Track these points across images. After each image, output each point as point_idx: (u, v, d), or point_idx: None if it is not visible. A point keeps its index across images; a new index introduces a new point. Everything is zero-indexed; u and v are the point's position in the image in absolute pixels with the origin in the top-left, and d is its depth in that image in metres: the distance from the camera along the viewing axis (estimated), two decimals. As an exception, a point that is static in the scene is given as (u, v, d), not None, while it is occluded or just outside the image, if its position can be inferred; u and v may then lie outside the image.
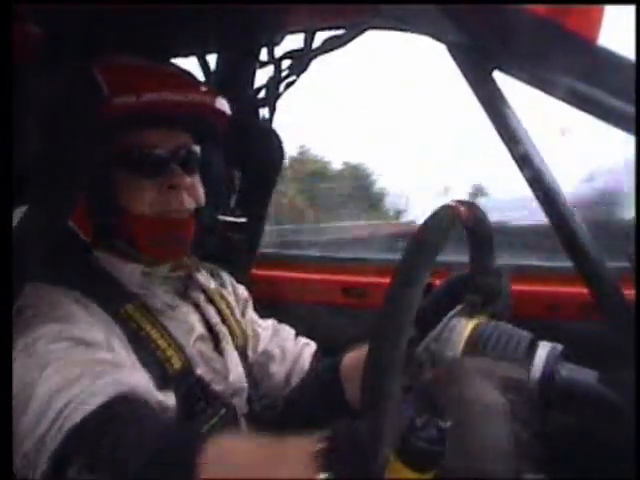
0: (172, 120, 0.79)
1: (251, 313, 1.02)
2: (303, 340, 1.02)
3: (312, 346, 1.02)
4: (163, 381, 0.74)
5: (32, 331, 0.64)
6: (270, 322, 1.03)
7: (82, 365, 0.62)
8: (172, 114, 0.78)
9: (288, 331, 1.03)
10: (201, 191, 0.83)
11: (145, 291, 0.79)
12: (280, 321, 1.06)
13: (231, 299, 0.97)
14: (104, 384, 0.60)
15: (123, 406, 0.59)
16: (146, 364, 0.73)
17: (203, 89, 0.84)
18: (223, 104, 0.84)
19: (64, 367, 0.61)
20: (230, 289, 0.99)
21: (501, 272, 0.85)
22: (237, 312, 0.97)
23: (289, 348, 1.00)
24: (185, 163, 0.80)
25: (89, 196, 0.76)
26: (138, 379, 0.65)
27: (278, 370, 0.97)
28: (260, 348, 0.98)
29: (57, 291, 0.72)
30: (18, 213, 0.71)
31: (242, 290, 1.02)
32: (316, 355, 1.01)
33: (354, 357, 0.91)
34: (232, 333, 0.90)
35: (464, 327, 0.73)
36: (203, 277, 0.91)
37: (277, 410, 0.96)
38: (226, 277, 1.00)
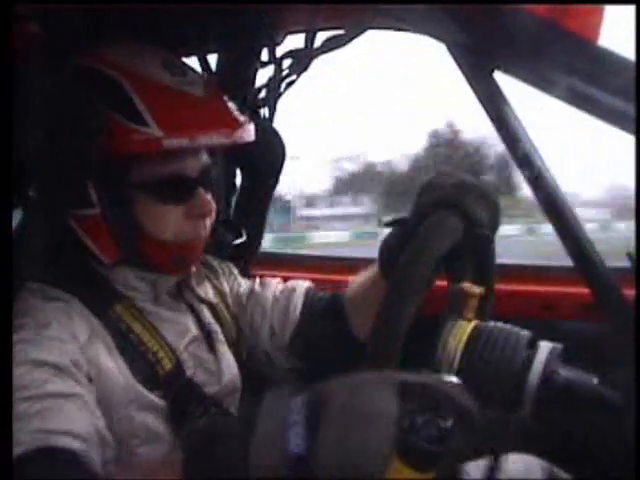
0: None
1: (239, 280, 0.98)
2: (291, 284, 0.97)
3: (302, 285, 0.96)
4: (153, 382, 0.73)
5: None
6: (255, 281, 0.98)
7: (24, 403, 0.60)
8: (215, 150, 0.78)
9: (275, 284, 0.97)
10: (214, 205, 0.80)
11: (137, 293, 0.79)
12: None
13: (226, 288, 0.95)
14: (30, 432, 0.58)
15: (40, 460, 0.57)
16: (135, 365, 0.72)
17: (241, 120, 0.79)
18: (252, 131, 0.81)
19: (15, 406, 0.59)
20: (226, 275, 0.97)
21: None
22: (229, 299, 0.94)
23: (269, 302, 0.94)
24: (209, 183, 0.79)
25: (112, 219, 0.73)
26: (77, 423, 0.62)
27: (262, 325, 0.93)
28: (244, 300, 0.95)
29: (41, 296, 0.71)
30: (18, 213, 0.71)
31: (228, 266, 0.99)
32: (308, 292, 0.95)
33: (357, 289, 0.88)
34: (226, 330, 0.90)
35: (464, 327, 0.73)
36: (196, 276, 0.89)
37: (287, 359, 0.93)
38: (223, 265, 0.99)
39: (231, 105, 0.81)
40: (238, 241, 1.17)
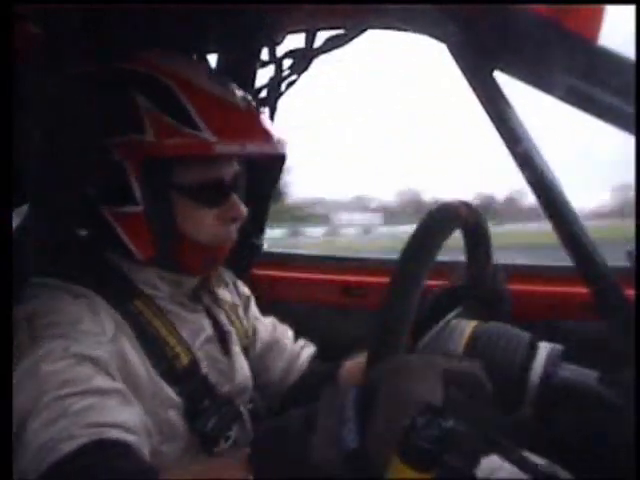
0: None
1: (254, 309, 1.02)
2: (302, 342, 1.03)
3: (311, 348, 1.03)
4: (171, 376, 0.74)
5: (38, 348, 0.64)
6: (270, 319, 1.04)
7: (73, 397, 0.61)
8: (257, 159, 0.81)
9: (287, 330, 1.04)
10: (245, 209, 0.82)
11: (156, 291, 0.79)
12: (280, 321, 1.06)
13: (235, 298, 0.98)
14: (84, 426, 0.59)
15: (95, 454, 0.58)
16: (155, 359, 0.73)
17: (281, 137, 0.83)
18: (286, 145, 0.84)
19: (57, 400, 0.60)
20: (232, 287, 1.00)
21: (498, 278, 0.85)
22: (240, 311, 0.97)
23: (287, 346, 1.01)
24: (239, 188, 0.82)
25: (152, 217, 0.75)
26: (125, 416, 0.64)
27: (276, 365, 0.98)
28: (259, 343, 0.99)
29: (66, 293, 0.71)
30: (18, 213, 0.71)
31: (243, 287, 1.03)
32: (315, 358, 1.02)
33: (352, 364, 0.93)
34: (239, 334, 0.92)
35: (464, 327, 0.73)
36: (213, 280, 0.92)
37: (275, 409, 0.96)
38: (227, 275, 1.01)
39: (268, 119, 0.84)
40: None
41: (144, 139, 0.71)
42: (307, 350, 1.02)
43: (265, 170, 0.97)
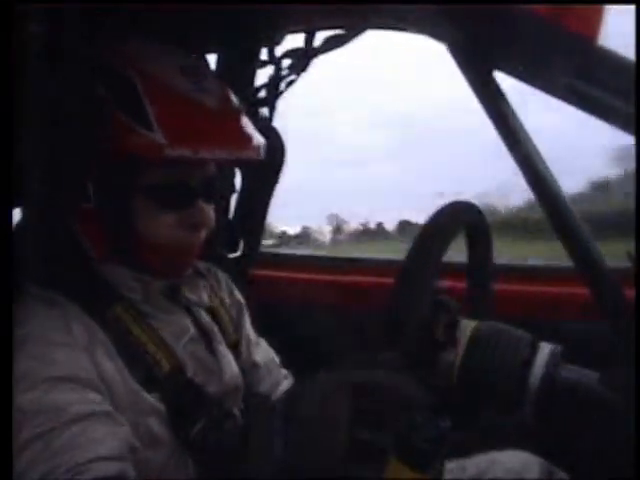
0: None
1: (246, 318, 1.00)
2: (285, 371, 1.01)
3: (290, 381, 1.00)
4: (152, 384, 0.73)
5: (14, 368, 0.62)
6: (261, 340, 1.02)
7: (53, 432, 0.60)
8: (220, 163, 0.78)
9: (274, 356, 1.01)
10: (213, 216, 0.80)
11: (135, 294, 0.78)
12: (280, 321, 1.05)
13: (225, 297, 0.96)
14: (70, 468, 0.58)
15: None
16: (134, 368, 0.72)
17: (251, 137, 0.79)
18: (261, 149, 0.79)
19: (37, 437, 0.59)
20: (224, 286, 0.98)
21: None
22: (232, 311, 0.96)
23: (274, 372, 0.98)
24: (208, 193, 0.78)
25: (106, 215, 0.74)
26: (109, 443, 0.62)
27: (262, 384, 0.96)
28: (252, 358, 0.97)
29: (40, 302, 0.70)
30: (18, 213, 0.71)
31: (238, 293, 1.01)
32: (290, 391, 0.97)
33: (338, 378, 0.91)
34: (224, 331, 0.89)
35: (465, 327, 0.73)
36: (189, 283, 0.88)
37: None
38: (222, 276, 0.99)
39: (244, 120, 0.80)
40: (233, 255, 1.17)
41: (103, 135, 0.70)
42: (288, 381, 0.99)
43: (261, 176, 0.95)
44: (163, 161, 0.70)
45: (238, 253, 1.23)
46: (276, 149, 1.12)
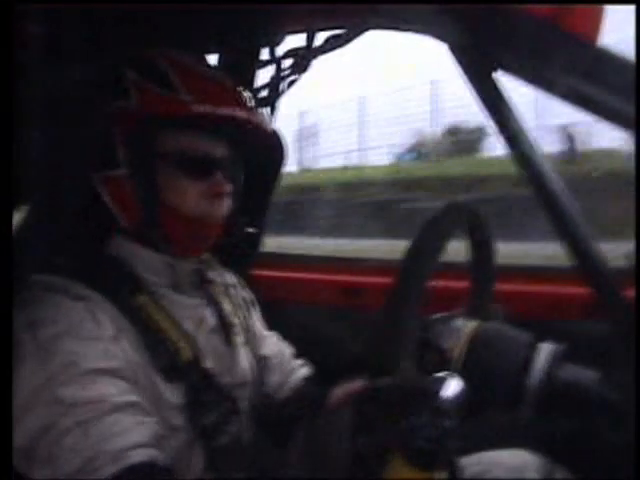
0: (229, 133, 0.83)
1: (258, 316, 1.02)
2: (300, 361, 1.03)
3: (307, 369, 1.03)
4: (172, 372, 0.74)
5: (47, 364, 0.64)
6: (272, 333, 1.04)
7: (92, 421, 0.62)
8: (235, 129, 0.82)
9: (287, 347, 1.04)
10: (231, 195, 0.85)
11: (160, 277, 0.80)
12: (280, 321, 1.06)
13: (239, 298, 0.98)
14: (110, 454, 0.61)
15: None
16: (155, 356, 0.73)
17: (260, 112, 0.88)
18: (269, 126, 0.88)
19: (76, 425, 0.62)
20: (236, 281, 1.01)
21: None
22: (244, 310, 0.98)
23: (286, 362, 1.01)
24: (227, 172, 0.83)
25: (135, 183, 0.77)
26: (144, 431, 0.65)
27: (273, 379, 0.98)
28: (260, 352, 0.98)
29: (65, 296, 0.70)
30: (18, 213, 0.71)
31: (248, 293, 1.03)
32: (310, 378, 1.01)
33: (343, 391, 0.92)
34: (241, 326, 0.92)
35: (465, 327, 0.73)
36: (216, 272, 0.93)
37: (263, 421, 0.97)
38: (231, 277, 1.01)
39: (249, 98, 0.88)
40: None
41: (129, 105, 0.76)
42: (303, 370, 1.02)
43: (264, 161, 0.97)
44: (189, 118, 0.76)
45: (238, 253, 1.23)
46: (277, 149, 1.12)
